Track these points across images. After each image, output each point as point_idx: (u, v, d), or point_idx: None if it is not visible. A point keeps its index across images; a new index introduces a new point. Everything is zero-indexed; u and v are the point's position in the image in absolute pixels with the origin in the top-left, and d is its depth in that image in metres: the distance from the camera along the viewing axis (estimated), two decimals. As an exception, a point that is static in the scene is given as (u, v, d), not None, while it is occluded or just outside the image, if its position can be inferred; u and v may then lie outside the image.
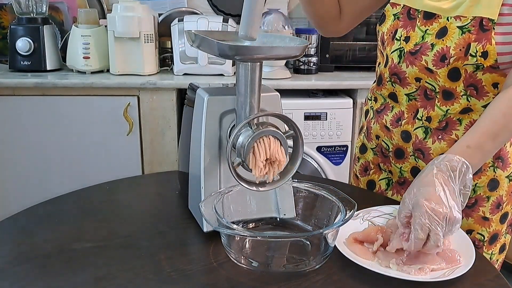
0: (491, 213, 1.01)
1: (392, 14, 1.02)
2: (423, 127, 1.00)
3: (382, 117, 1.08)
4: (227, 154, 0.78)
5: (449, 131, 0.98)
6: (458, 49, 0.90)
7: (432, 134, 0.99)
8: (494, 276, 0.78)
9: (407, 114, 1.02)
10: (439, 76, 0.94)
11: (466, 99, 0.94)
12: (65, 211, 0.97)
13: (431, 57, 0.93)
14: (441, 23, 0.93)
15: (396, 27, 1.00)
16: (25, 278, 0.74)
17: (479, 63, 0.89)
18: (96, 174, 2.00)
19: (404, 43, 0.98)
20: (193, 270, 0.76)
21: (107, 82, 1.96)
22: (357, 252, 0.80)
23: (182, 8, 2.42)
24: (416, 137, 1.01)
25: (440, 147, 0.98)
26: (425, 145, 1.00)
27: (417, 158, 1.02)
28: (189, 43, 0.84)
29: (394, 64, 1.00)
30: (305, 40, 0.81)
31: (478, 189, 0.99)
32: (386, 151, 1.09)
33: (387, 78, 1.04)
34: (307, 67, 2.26)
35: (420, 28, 0.96)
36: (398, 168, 1.07)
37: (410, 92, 1.01)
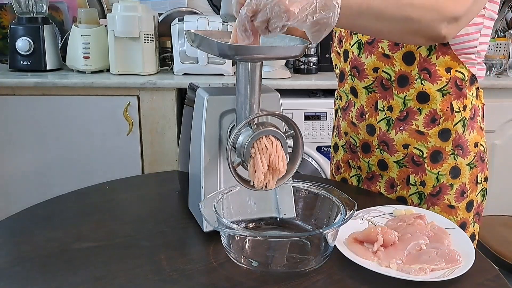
0: (456, 201, 1.05)
1: None
2: (386, 119, 1.05)
3: (348, 113, 1.12)
4: (227, 154, 0.78)
5: (409, 121, 1.02)
6: None
7: (394, 125, 1.04)
8: (494, 276, 0.78)
9: (367, 108, 1.07)
10: (395, 60, 0.99)
11: (420, 82, 0.99)
12: (65, 211, 0.97)
13: (387, 42, 0.99)
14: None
15: None
16: (25, 278, 0.74)
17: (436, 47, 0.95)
18: (96, 174, 2.00)
19: (361, 36, 1.04)
20: (193, 270, 0.76)
21: (107, 82, 1.96)
22: (357, 252, 0.80)
23: (182, 8, 2.43)
24: (380, 130, 1.06)
25: (403, 138, 1.04)
26: (388, 137, 1.05)
27: (382, 150, 1.07)
28: (189, 43, 0.84)
29: (354, 57, 1.06)
30: (306, 40, 0.80)
31: (441, 177, 1.03)
32: (354, 146, 1.14)
33: (348, 72, 1.09)
34: (307, 67, 2.26)
35: None
36: (366, 163, 1.12)
37: (368, 85, 1.05)
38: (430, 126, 1.01)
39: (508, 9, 2.47)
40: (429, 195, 1.05)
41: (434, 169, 1.03)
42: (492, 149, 2.21)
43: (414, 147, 1.03)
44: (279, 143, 0.80)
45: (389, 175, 1.09)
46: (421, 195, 1.06)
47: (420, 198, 1.06)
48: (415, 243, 0.81)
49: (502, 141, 2.23)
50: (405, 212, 0.95)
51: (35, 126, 1.98)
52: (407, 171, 1.06)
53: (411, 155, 1.04)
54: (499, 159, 2.23)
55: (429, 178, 1.04)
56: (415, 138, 1.03)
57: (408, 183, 1.06)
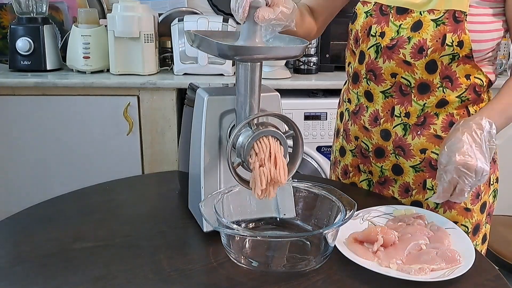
0: (472, 204, 1.05)
1: (364, 12, 1.04)
2: (402, 124, 1.03)
3: (360, 118, 1.09)
4: (227, 154, 0.78)
5: (427, 126, 1.01)
6: (435, 40, 0.94)
7: (411, 130, 1.02)
8: (494, 276, 0.78)
9: (382, 113, 1.04)
10: (417, 69, 0.97)
11: (442, 91, 0.98)
12: (65, 211, 0.97)
13: (409, 50, 0.97)
14: (415, 17, 0.97)
15: (370, 24, 1.02)
16: (25, 278, 0.74)
17: (455, 52, 0.94)
18: (96, 174, 2.00)
19: (380, 39, 1.00)
20: (193, 270, 0.76)
21: (107, 82, 1.96)
22: (357, 252, 0.80)
23: (182, 8, 2.42)
24: (396, 135, 1.04)
25: (420, 142, 1.02)
26: (405, 142, 1.03)
27: (397, 155, 1.05)
28: (189, 43, 0.84)
29: (371, 60, 1.03)
30: (305, 40, 0.81)
31: None
32: (365, 151, 1.11)
33: (363, 75, 1.06)
34: (307, 67, 2.26)
35: (394, 23, 0.99)
36: (379, 168, 1.09)
37: (385, 89, 1.03)
38: (448, 130, 1.00)
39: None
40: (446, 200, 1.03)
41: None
42: (492, 149, 2.21)
43: (432, 152, 1.02)
44: (279, 155, 0.79)
45: (404, 180, 1.07)
46: None
47: (437, 202, 1.03)
48: (415, 243, 0.81)
49: (502, 141, 2.23)
50: (405, 212, 0.95)
51: (35, 126, 1.98)
52: (423, 176, 1.04)
53: (429, 160, 1.02)
54: (499, 159, 2.23)
55: None
56: (432, 142, 1.01)
57: (425, 187, 1.05)
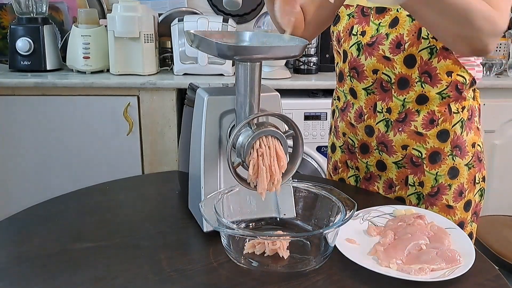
0: (455, 201, 1.06)
1: (346, 14, 1.09)
2: (384, 120, 1.05)
3: (346, 114, 1.12)
4: (227, 154, 0.78)
5: (408, 123, 1.03)
6: (411, 35, 0.97)
7: (393, 127, 1.04)
8: (494, 276, 0.78)
9: (366, 109, 1.07)
10: (396, 63, 1.00)
11: (420, 85, 1.00)
12: (65, 211, 0.97)
13: (388, 45, 1.00)
14: (392, 14, 1.00)
15: (352, 24, 1.07)
16: (25, 278, 0.74)
17: (432, 45, 0.96)
18: (96, 174, 2.00)
19: (361, 37, 1.04)
20: (193, 270, 0.76)
21: (107, 82, 1.96)
22: (357, 252, 0.80)
23: (182, 8, 2.43)
24: (379, 131, 1.06)
25: (401, 139, 1.04)
26: (387, 138, 1.05)
27: (381, 151, 1.08)
28: (189, 44, 0.84)
29: (353, 58, 1.06)
30: (305, 40, 0.81)
31: (439, 178, 1.04)
32: (352, 147, 1.14)
33: (347, 73, 1.09)
34: (307, 67, 2.26)
35: (374, 22, 1.03)
36: (364, 164, 1.12)
37: (367, 86, 1.06)
38: (429, 127, 1.02)
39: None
40: (428, 196, 1.06)
41: (433, 170, 1.04)
42: (492, 149, 2.21)
43: (413, 148, 1.04)
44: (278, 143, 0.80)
45: (387, 176, 1.10)
46: (419, 195, 1.07)
47: (419, 198, 1.07)
48: (415, 243, 0.81)
49: (502, 141, 2.23)
50: (405, 212, 0.95)
51: (35, 126, 1.98)
52: (405, 172, 1.07)
53: (410, 156, 1.05)
54: (499, 159, 2.23)
55: (427, 178, 1.05)
56: (414, 139, 1.03)
57: (407, 183, 1.07)
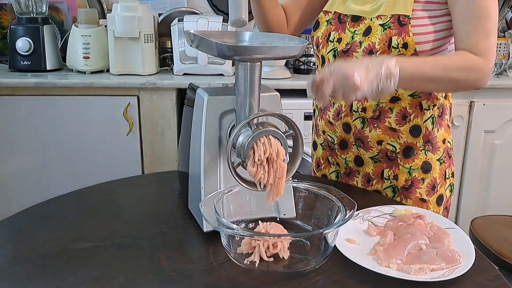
0: (428, 195, 1.11)
1: (325, 20, 1.13)
2: (360, 117, 1.10)
3: (326, 113, 1.17)
4: (227, 154, 0.78)
5: (382, 119, 1.08)
6: (382, 43, 1.01)
7: (369, 123, 1.09)
8: (494, 276, 0.78)
9: (344, 107, 1.12)
10: None
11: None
12: (65, 211, 0.97)
13: (360, 53, 1.05)
14: (366, 23, 1.05)
15: (330, 31, 1.11)
16: (25, 278, 0.74)
17: (401, 53, 1.00)
18: (96, 174, 2.00)
19: (337, 44, 1.09)
20: (193, 270, 0.76)
21: (107, 82, 1.96)
22: (357, 252, 0.80)
23: (182, 8, 2.42)
24: (355, 128, 1.11)
25: (377, 134, 1.09)
26: (363, 134, 1.10)
27: (358, 147, 1.13)
28: (188, 44, 0.84)
29: (330, 63, 1.08)
30: (304, 39, 0.81)
31: (413, 171, 1.10)
32: (332, 144, 1.18)
33: None
34: (307, 67, 2.26)
35: (350, 29, 1.07)
36: (343, 159, 1.17)
37: None
38: (402, 123, 1.07)
39: (508, 9, 2.47)
40: (402, 188, 1.10)
41: (407, 164, 1.09)
42: (492, 149, 2.21)
43: (388, 143, 1.09)
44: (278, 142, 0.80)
45: (365, 171, 1.15)
46: (394, 189, 1.11)
47: (394, 191, 1.12)
48: (415, 243, 0.81)
49: (502, 141, 2.23)
50: (405, 212, 0.95)
51: (35, 126, 1.98)
52: (381, 166, 1.12)
53: (385, 151, 1.10)
54: (499, 159, 2.23)
55: (401, 172, 1.10)
56: (388, 134, 1.09)
57: (383, 177, 1.12)
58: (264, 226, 0.84)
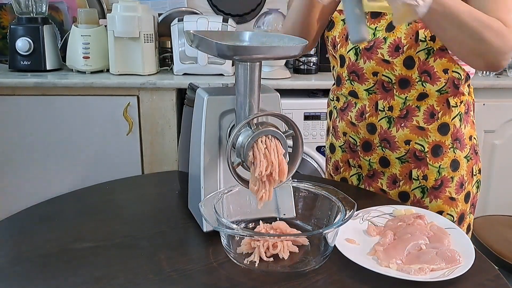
0: (456, 193, 1.10)
1: (341, 19, 1.10)
2: (387, 117, 1.07)
3: (347, 114, 1.14)
4: (227, 154, 0.78)
5: (410, 118, 1.06)
6: (409, 38, 0.99)
7: (395, 123, 1.07)
8: (494, 276, 0.78)
9: (369, 108, 1.09)
10: (395, 65, 1.02)
11: (421, 84, 1.03)
12: (65, 211, 0.97)
13: (386, 49, 1.02)
14: (388, 19, 1.02)
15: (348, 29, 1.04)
16: (25, 278, 0.74)
17: (429, 47, 0.99)
18: (96, 174, 2.00)
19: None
20: (193, 270, 0.76)
21: (107, 82, 1.96)
22: (357, 252, 0.80)
23: (182, 8, 2.43)
24: (381, 128, 1.08)
25: (404, 134, 1.07)
26: (390, 134, 1.08)
27: (383, 148, 1.10)
28: (188, 44, 0.84)
29: (351, 62, 1.07)
30: (304, 39, 0.81)
31: (442, 171, 1.08)
32: (354, 146, 1.15)
33: (346, 77, 1.10)
34: (307, 67, 2.26)
35: (370, 26, 1.04)
36: (367, 161, 1.13)
37: (369, 87, 1.07)
38: (430, 121, 1.05)
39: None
40: (432, 189, 1.08)
41: (436, 163, 1.07)
42: (492, 149, 2.21)
43: (416, 143, 1.06)
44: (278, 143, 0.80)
45: (391, 172, 1.11)
46: (423, 189, 1.09)
47: (423, 191, 1.09)
48: (415, 243, 0.81)
49: (502, 141, 2.23)
50: (404, 212, 0.95)
51: (35, 126, 1.98)
52: (409, 166, 1.09)
53: (413, 151, 1.07)
54: (499, 159, 2.23)
55: (431, 172, 1.07)
56: (416, 133, 1.06)
57: (411, 177, 1.09)
58: (264, 226, 0.84)
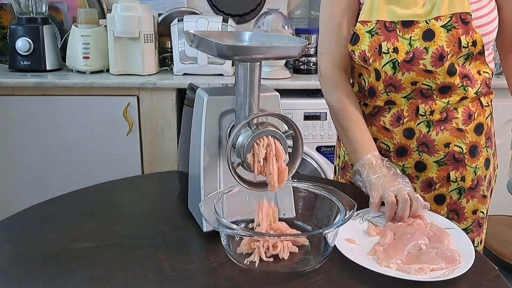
0: (487, 190, 1.13)
1: (366, 31, 1.02)
2: (426, 121, 1.05)
3: (379, 119, 1.10)
4: (227, 154, 0.78)
5: (449, 121, 1.05)
6: (452, 45, 0.98)
7: (434, 126, 1.05)
8: (493, 276, 0.78)
9: (407, 113, 1.06)
10: (438, 74, 1.00)
11: (463, 89, 1.02)
12: (65, 211, 0.97)
13: (429, 59, 0.99)
14: (422, 27, 0.99)
15: (379, 42, 1.01)
16: (25, 278, 0.74)
17: (470, 52, 0.99)
18: (96, 174, 2.00)
19: (395, 54, 1.00)
20: (193, 270, 0.77)
21: (107, 82, 1.96)
22: (357, 252, 0.80)
23: (182, 8, 2.42)
24: (420, 132, 1.06)
25: (444, 137, 1.05)
26: (429, 138, 1.06)
27: (421, 152, 1.08)
28: (188, 44, 0.84)
29: (388, 76, 1.03)
30: (304, 39, 0.81)
31: (477, 170, 1.09)
32: (386, 151, 1.12)
33: (382, 90, 1.06)
34: (307, 67, 2.26)
35: (404, 37, 1.00)
36: (400, 167, 1.11)
37: (406, 95, 1.05)
38: (467, 122, 1.06)
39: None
40: (469, 189, 1.09)
41: (473, 164, 1.08)
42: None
43: (455, 145, 1.06)
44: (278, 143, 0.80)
45: (427, 175, 1.10)
46: (460, 190, 1.10)
47: (460, 193, 1.10)
48: (415, 243, 0.81)
49: (502, 141, 2.22)
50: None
51: (35, 126, 1.98)
52: (447, 169, 1.08)
53: (452, 153, 1.07)
54: (499, 159, 2.22)
55: (468, 172, 1.08)
56: (455, 136, 1.06)
57: (448, 180, 1.09)
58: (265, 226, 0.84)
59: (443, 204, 1.10)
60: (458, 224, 1.08)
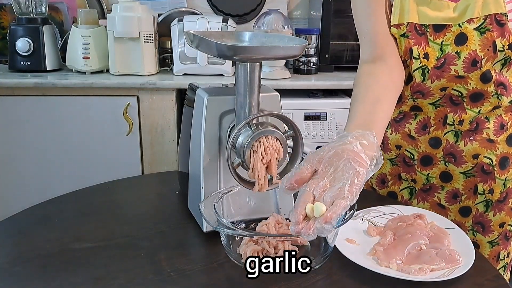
0: None
1: (400, 35, 0.96)
2: (454, 131, 1.00)
3: (404, 125, 1.05)
4: (227, 154, 0.78)
5: (479, 131, 0.99)
6: (486, 49, 0.90)
7: (463, 136, 0.99)
8: (493, 276, 0.78)
9: (434, 121, 1.01)
10: (471, 80, 0.93)
11: (496, 97, 0.95)
12: (65, 211, 0.97)
13: (461, 65, 0.92)
14: (454, 31, 0.92)
15: (409, 46, 0.95)
16: (25, 278, 0.74)
17: (507, 56, 0.91)
18: (96, 174, 2.00)
19: (426, 61, 0.95)
20: (193, 270, 0.77)
21: (106, 82, 1.96)
22: (357, 252, 0.80)
23: (182, 8, 2.42)
24: (447, 142, 1.01)
25: (473, 148, 0.99)
26: (457, 149, 1.00)
27: (447, 162, 1.02)
28: (188, 44, 0.84)
29: (417, 83, 0.97)
30: (304, 40, 0.81)
31: (507, 182, 1.01)
32: (410, 160, 1.07)
33: (408, 96, 1.01)
34: (307, 67, 2.26)
35: (435, 41, 0.94)
36: (424, 176, 1.06)
37: (435, 101, 0.99)
38: (499, 132, 0.99)
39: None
40: (497, 202, 1.02)
41: (503, 176, 1.01)
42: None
43: (484, 156, 1.00)
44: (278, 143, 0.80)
45: (452, 186, 1.05)
46: (488, 203, 1.03)
47: (487, 205, 1.03)
48: (415, 243, 0.81)
49: (502, 141, 2.23)
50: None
51: (35, 127, 1.98)
52: (474, 181, 1.02)
53: (481, 165, 1.00)
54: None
55: (497, 185, 1.01)
56: (485, 147, 0.99)
57: (476, 192, 1.03)
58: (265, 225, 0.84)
59: (468, 216, 1.05)
60: (483, 237, 1.04)
